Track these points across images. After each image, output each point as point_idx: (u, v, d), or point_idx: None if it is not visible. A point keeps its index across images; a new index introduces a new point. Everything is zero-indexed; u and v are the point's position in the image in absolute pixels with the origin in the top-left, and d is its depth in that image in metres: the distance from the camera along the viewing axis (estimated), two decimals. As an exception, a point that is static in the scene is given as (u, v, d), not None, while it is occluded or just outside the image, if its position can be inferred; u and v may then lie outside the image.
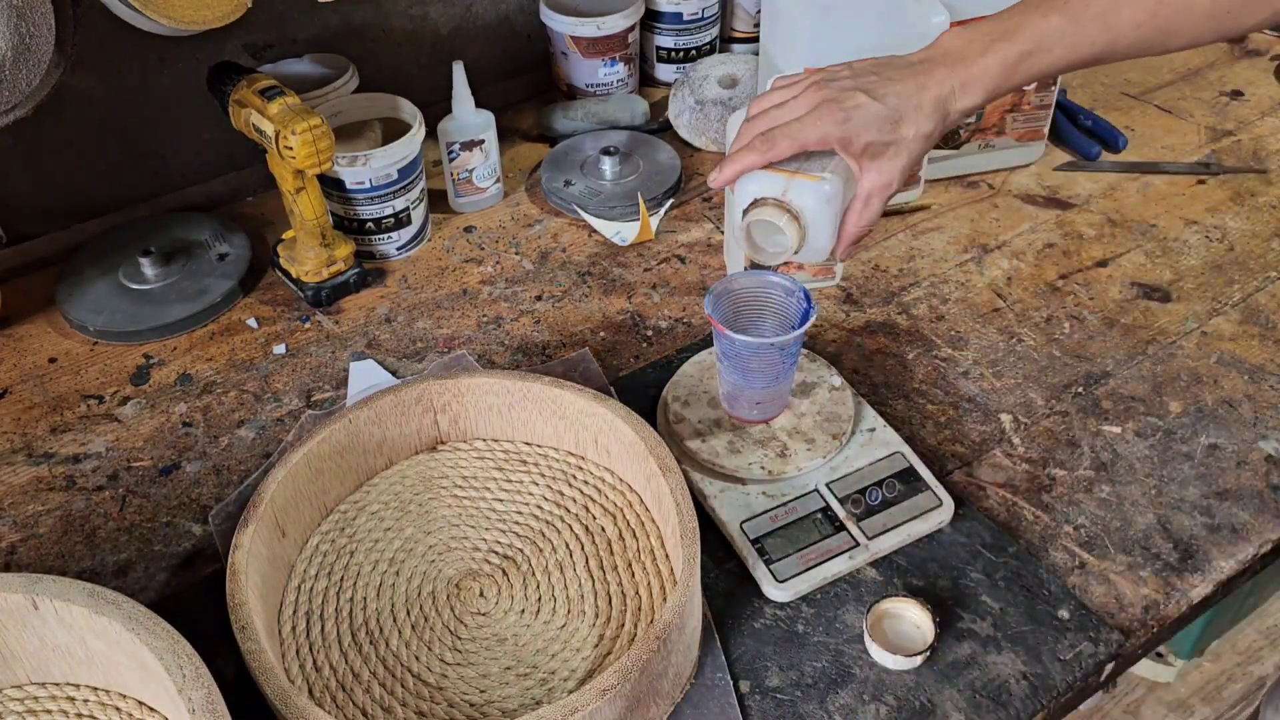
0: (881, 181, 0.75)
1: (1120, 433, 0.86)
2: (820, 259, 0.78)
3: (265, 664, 0.63)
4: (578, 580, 0.75)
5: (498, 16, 1.29)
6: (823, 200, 0.73)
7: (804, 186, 0.73)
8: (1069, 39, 0.74)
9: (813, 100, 0.74)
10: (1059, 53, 0.75)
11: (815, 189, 0.73)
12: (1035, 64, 0.75)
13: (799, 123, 0.73)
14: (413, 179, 1.05)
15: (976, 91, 0.75)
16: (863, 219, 0.76)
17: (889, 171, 0.74)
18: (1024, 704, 0.68)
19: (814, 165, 0.74)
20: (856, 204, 0.76)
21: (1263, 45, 1.39)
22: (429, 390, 0.81)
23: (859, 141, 0.73)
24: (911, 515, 0.78)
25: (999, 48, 0.74)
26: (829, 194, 0.73)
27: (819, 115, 0.73)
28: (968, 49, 0.75)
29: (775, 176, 0.74)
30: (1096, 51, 0.75)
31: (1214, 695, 1.72)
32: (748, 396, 0.82)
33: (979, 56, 0.74)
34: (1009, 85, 0.75)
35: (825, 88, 0.74)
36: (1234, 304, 0.98)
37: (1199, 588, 0.75)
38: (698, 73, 1.22)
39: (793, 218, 0.73)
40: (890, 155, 0.74)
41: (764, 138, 0.74)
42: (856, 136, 0.73)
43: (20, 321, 1.03)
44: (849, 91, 0.73)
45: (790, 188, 0.73)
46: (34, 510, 0.84)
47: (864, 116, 0.72)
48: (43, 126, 1.04)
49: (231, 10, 0.96)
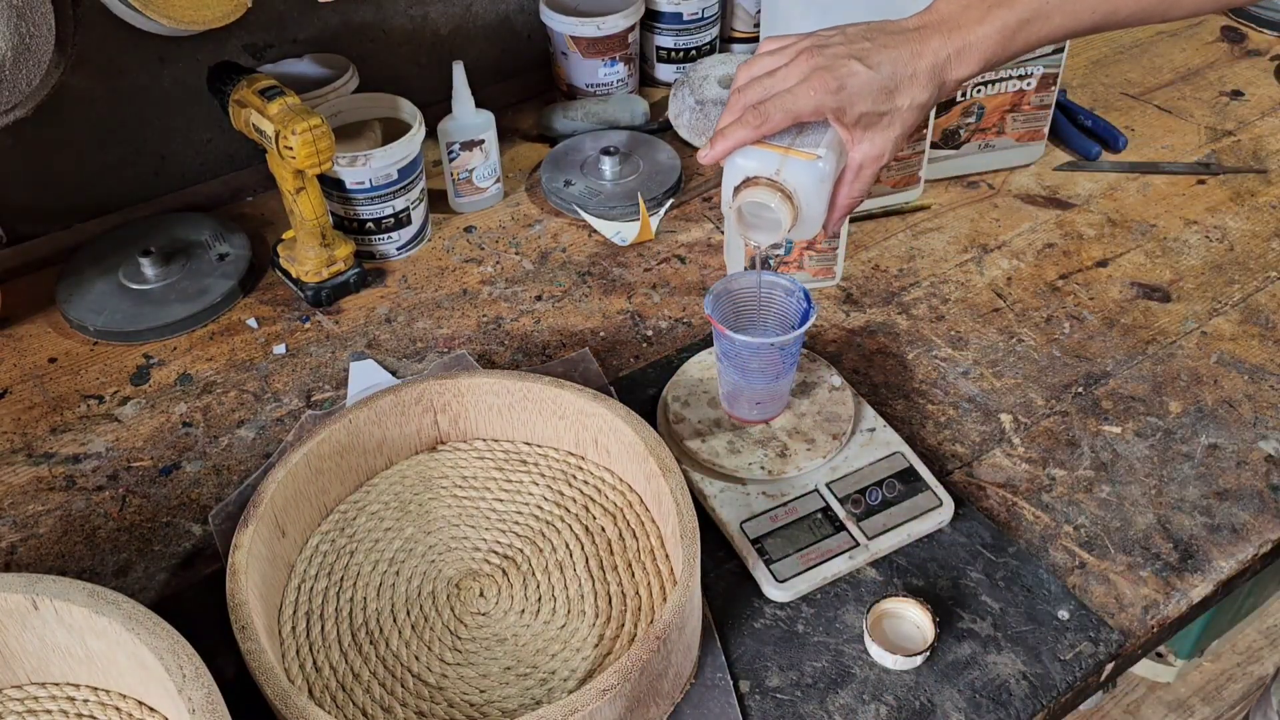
0: (874, 153, 0.73)
1: (1120, 433, 0.86)
2: (811, 234, 0.76)
3: (265, 664, 0.63)
4: (578, 580, 0.75)
5: (498, 16, 1.29)
6: (817, 178, 0.71)
7: (799, 165, 0.71)
8: (1069, 5, 0.72)
9: (804, 69, 0.71)
10: (1058, 20, 0.72)
11: (810, 168, 0.71)
12: (1034, 31, 0.72)
13: (791, 93, 0.70)
14: (413, 179, 1.05)
15: (973, 60, 0.72)
16: (854, 190, 0.74)
17: (882, 143, 0.72)
18: (1024, 704, 0.68)
19: (807, 140, 0.71)
20: (848, 175, 0.74)
21: (1263, 45, 1.39)
22: (429, 390, 0.81)
23: (853, 111, 0.70)
24: (911, 515, 0.78)
25: (997, 14, 0.71)
26: (824, 172, 0.71)
27: (811, 84, 0.70)
28: (964, 15, 0.72)
29: (768, 153, 0.71)
30: (1097, 19, 0.73)
31: (1214, 695, 1.72)
32: (748, 396, 0.82)
33: (976, 24, 0.72)
34: (1007, 54, 0.73)
35: (817, 55, 0.71)
36: (1234, 304, 0.98)
37: (1199, 588, 0.75)
38: (698, 73, 1.22)
39: (785, 197, 0.71)
40: (884, 126, 0.72)
41: (756, 110, 0.71)
42: (850, 106, 0.70)
43: (20, 321, 1.03)
44: (842, 59, 0.70)
45: (784, 165, 0.71)
46: (34, 510, 0.84)
47: (858, 85, 0.70)
48: (43, 126, 1.04)
49: (231, 10, 0.96)
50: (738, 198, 0.73)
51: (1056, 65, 1.09)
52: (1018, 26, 0.72)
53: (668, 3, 1.28)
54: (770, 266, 0.98)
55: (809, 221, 0.74)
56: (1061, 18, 0.72)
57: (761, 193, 0.71)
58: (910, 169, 1.09)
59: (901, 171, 1.08)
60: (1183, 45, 1.40)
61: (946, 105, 1.09)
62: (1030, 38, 0.73)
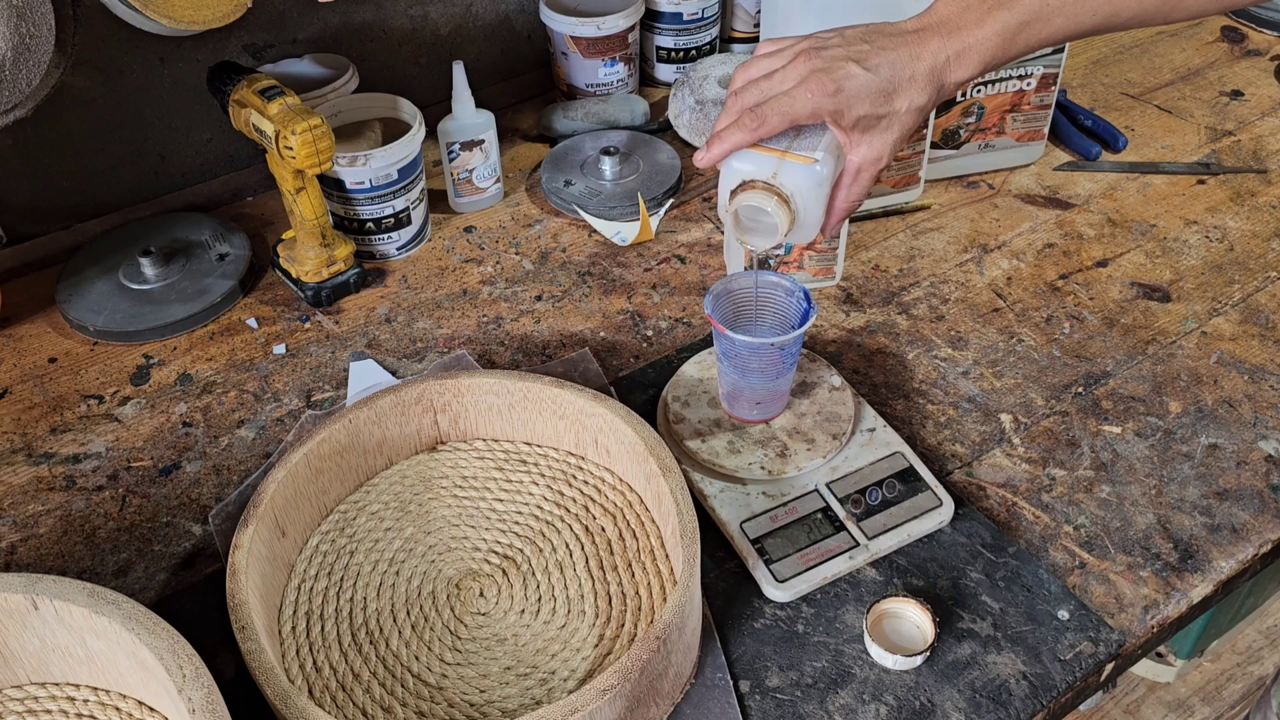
0: (872, 156, 0.72)
1: (1120, 433, 0.86)
2: (809, 239, 0.75)
3: (265, 664, 0.63)
4: (578, 580, 0.75)
5: (498, 16, 1.29)
6: (815, 183, 0.71)
7: (796, 169, 0.70)
8: (1070, 7, 0.71)
9: (802, 71, 0.70)
10: (1059, 22, 0.72)
11: (808, 171, 0.70)
12: (1035, 34, 0.71)
13: (788, 96, 0.70)
14: (413, 179, 1.05)
15: (973, 62, 0.72)
16: (851, 194, 0.74)
17: (880, 146, 0.72)
18: (1024, 704, 0.68)
19: (804, 143, 0.71)
20: (845, 179, 0.73)
21: (1263, 45, 1.39)
22: (429, 390, 0.81)
23: (851, 114, 0.70)
24: (911, 515, 0.78)
25: (997, 16, 0.71)
26: (822, 176, 0.70)
27: (809, 87, 0.69)
28: (963, 17, 0.71)
29: (766, 156, 0.71)
30: (1098, 21, 0.72)
31: (1214, 695, 1.72)
32: (748, 396, 0.82)
33: (975, 26, 0.71)
34: (1007, 56, 0.72)
35: (815, 57, 0.71)
36: (1234, 304, 0.98)
37: (1199, 588, 0.75)
38: (698, 73, 1.22)
39: (782, 201, 0.70)
40: (882, 129, 0.71)
41: (753, 113, 0.70)
42: (849, 109, 0.70)
43: (20, 321, 1.03)
44: (840, 62, 0.70)
45: (781, 169, 0.70)
46: (34, 510, 0.84)
47: (856, 88, 0.69)
48: (43, 126, 1.04)
49: (231, 10, 0.96)
50: (734, 201, 0.72)
51: (1056, 65, 1.09)
52: (1018, 29, 0.71)
53: (668, 3, 1.28)
54: (770, 267, 0.98)
55: (806, 225, 0.73)
56: (1062, 20, 0.72)
57: (758, 196, 0.71)
58: (910, 169, 1.09)
59: (901, 171, 1.08)
60: (1183, 45, 1.40)
61: (946, 105, 1.09)
62: (1031, 40, 0.72)
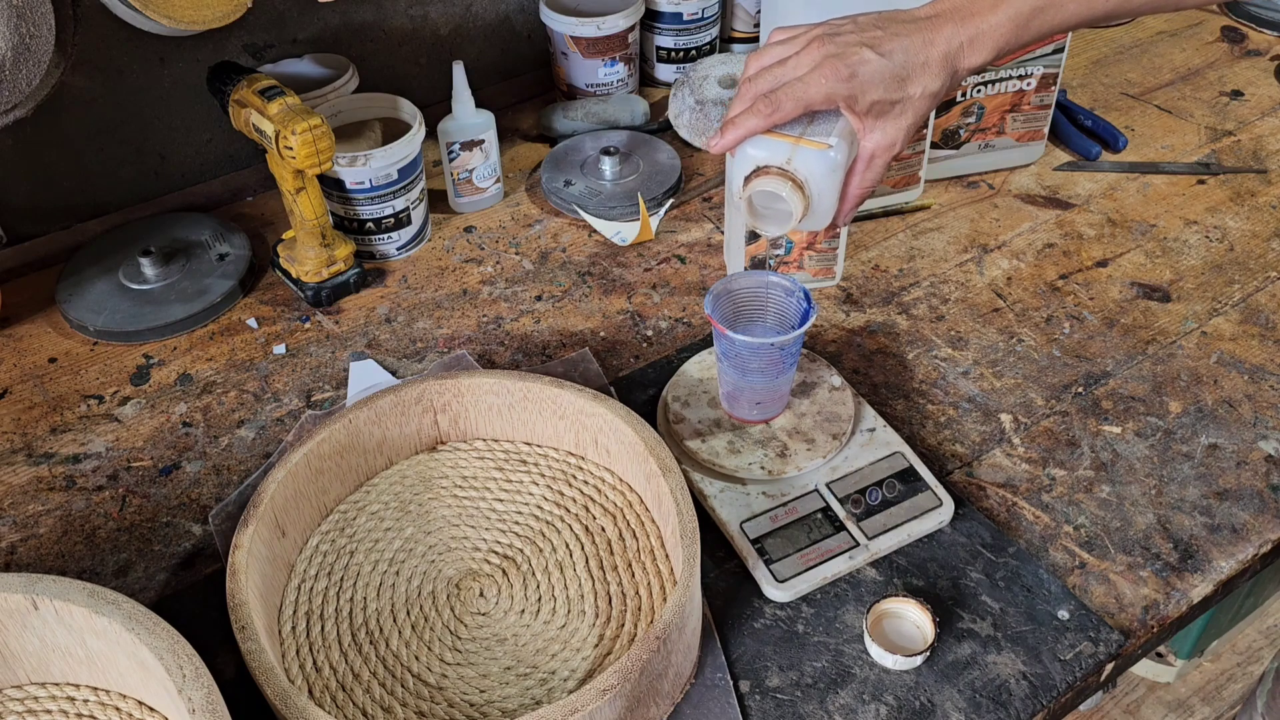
0: (886, 141, 0.72)
1: (1120, 433, 0.86)
2: (822, 225, 0.75)
3: (265, 664, 0.63)
4: (578, 580, 0.75)
5: (498, 16, 1.29)
6: (829, 168, 0.71)
7: (809, 154, 0.70)
8: None
9: (815, 57, 0.70)
10: (1072, 8, 0.71)
11: (822, 157, 0.70)
12: (1047, 19, 0.71)
13: (802, 81, 0.70)
14: (413, 179, 1.05)
15: (986, 48, 0.71)
16: (865, 180, 0.74)
17: (894, 131, 0.72)
18: (1024, 704, 0.68)
19: (818, 129, 0.71)
20: (859, 165, 0.73)
21: (1263, 45, 1.39)
22: (429, 390, 0.81)
23: (865, 100, 0.70)
24: (911, 515, 0.78)
25: (1010, 2, 0.71)
26: (836, 161, 0.70)
27: (823, 72, 0.69)
28: (977, 3, 0.71)
29: (779, 142, 0.71)
30: (1111, 7, 0.72)
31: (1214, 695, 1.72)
32: (748, 396, 0.82)
33: (989, 11, 0.71)
34: (1019, 42, 0.72)
35: (828, 43, 0.71)
36: (1234, 304, 0.98)
37: (1199, 588, 0.75)
38: (698, 73, 1.22)
39: (796, 186, 0.70)
40: (896, 114, 0.71)
41: (767, 99, 0.70)
42: (862, 94, 0.70)
43: (20, 321, 1.03)
44: (854, 47, 0.70)
45: (795, 155, 0.70)
46: (34, 510, 0.84)
47: (870, 73, 0.69)
48: (43, 126, 1.04)
49: (231, 10, 0.96)
50: (748, 187, 0.72)
51: (1056, 65, 1.09)
52: (1031, 14, 0.71)
53: (668, 3, 1.28)
54: (770, 267, 0.98)
55: (820, 212, 0.73)
56: (1075, 5, 0.71)
57: (772, 182, 0.71)
58: (910, 169, 1.09)
59: (901, 171, 1.08)
60: (1183, 45, 1.40)
61: (947, 105, 1.09)
62: (1043, 25, 0.72)
